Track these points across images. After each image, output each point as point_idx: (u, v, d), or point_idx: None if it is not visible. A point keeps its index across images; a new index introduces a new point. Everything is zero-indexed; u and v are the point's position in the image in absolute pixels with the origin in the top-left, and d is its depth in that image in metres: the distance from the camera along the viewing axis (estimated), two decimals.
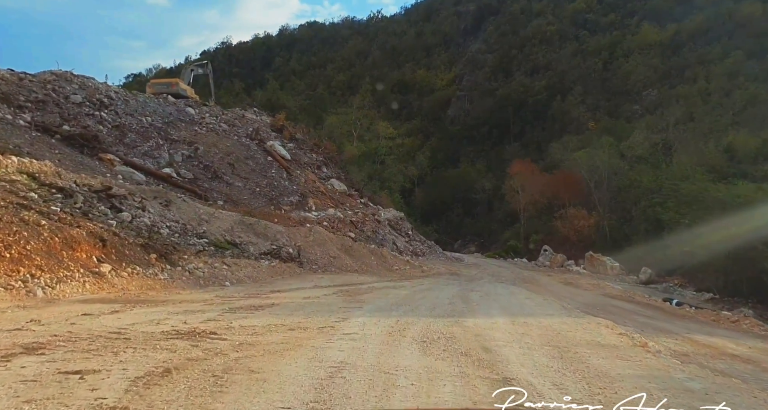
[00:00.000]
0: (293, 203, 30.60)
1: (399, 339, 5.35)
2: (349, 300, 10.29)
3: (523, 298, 12.22)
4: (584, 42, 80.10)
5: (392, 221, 32.72)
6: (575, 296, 16.11)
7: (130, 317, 6.47)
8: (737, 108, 49.10)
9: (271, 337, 5.26)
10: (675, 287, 27.59)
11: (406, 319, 7.11)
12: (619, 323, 8.49)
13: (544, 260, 39.05)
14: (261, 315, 7.33)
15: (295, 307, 8.43)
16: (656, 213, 34.84)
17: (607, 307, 12.65)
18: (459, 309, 9.05)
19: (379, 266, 23.48)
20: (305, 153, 36.21)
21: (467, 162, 71.91)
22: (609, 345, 5.61)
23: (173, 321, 6.12)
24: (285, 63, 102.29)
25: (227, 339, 4.97)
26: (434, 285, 17.58)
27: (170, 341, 4.76)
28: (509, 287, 19.16)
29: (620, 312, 11.28)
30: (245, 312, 7.52)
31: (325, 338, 5.34)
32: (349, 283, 17.71)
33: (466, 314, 8.23)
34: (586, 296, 16.93)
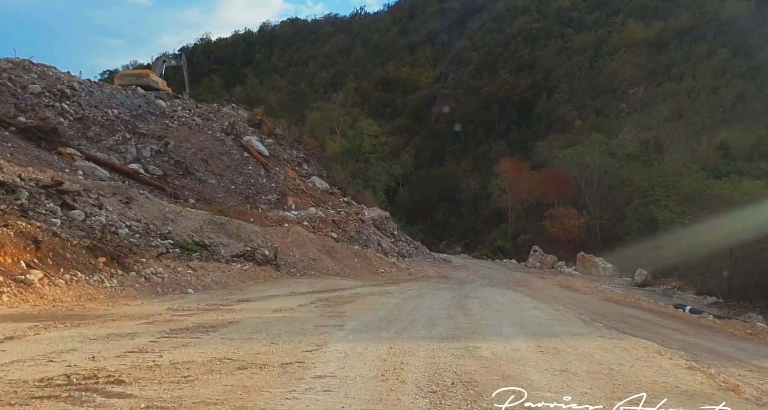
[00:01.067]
0: (271, 201, 28.75)
1: (396, 387, 3.65)
2: (329, 314, 8.54)
3: (530, 307, 10.58)
4: (569, 40, 79.28)
5: (377, 220, 31.02)
6: (580, 304, 14.55)
7: (22, 347, 4.67)
8: (726, 106, 48.26)
9: (206, 387, 3.52)
10: (673, 290, 26.26)
11: (401, 345, 5.39)
12: (656, 341, 6.88)
13: (534, 262, 37.65)
14: (209, 340, 5.55)
15: (258, 326, 6.65)
16: (650, 212, 33.61)
17: (624, 317, 11.09)
18: (462, 324, 7.36)
19: (363, 268, 21.76)
20: (285, 149, 34.34)
21: (452, 161, 70.55)
22: (689, 390, 3.98)
23: (77, 356, 4.34)
24: (265, 60, 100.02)
25: (132, 396, 3.22)
26: (425, 291, 15.90)
27: (36, 402, 3.02)
28: (506, 291, 17.56)
29: (643, 325, 9.76)
30: (190, 336, 5.73)
31: (286, 387, 3.61)
32: (330, 288, 15.94)
33: (474, 333, 6.54)
34: (591, 303, 15.39)
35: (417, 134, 76.72)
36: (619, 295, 20.07)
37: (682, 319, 12.47)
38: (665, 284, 27.95)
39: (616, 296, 19.60)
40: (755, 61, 59.11)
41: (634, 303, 16.68)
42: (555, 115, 68.36)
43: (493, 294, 15.62)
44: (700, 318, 13.27)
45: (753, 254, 20.21)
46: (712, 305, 21.63)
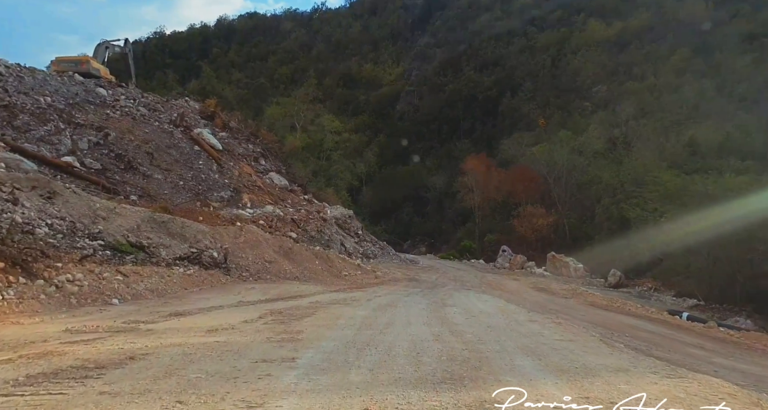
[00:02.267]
0: (224, 198, 26.39)
1: None
2: (279, 336, 6.54)
3: (524, 320, 8.82)
4: (532, 38, 78.97)
5: (340, 219, 29.00)
6: (569, 311, 12.95)
7: None
8: (689, 104, 48.17)
9: None
10: (650, 292, 25.15)
11: (382, 403, 3.44)
12: (712, 374, 5.19)
13: (503, 262, 36.28)
14: (76, 398, 3.48)
15: (172, 363, 4.61)
16: (621, 210, 32.70)
17: (633, 330, 9.52)
18: (457, 352, 5.48)
19: (325, 271, 19.73)
20: (240, 143, 31.94)
21: (417, 159, 68.93)
22: None
23: None
24: (223, 54, 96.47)
25: None
26: (395, 297, 14.01)
27: None
28: (483, 296, 15.85)
29: (663, 342, 8.20)
30: (48, 390, 3.66)
31: None
32: (286, 296, 13.89)
33: (479, 370, 4.68)
34: (580, 309, 13.83)
35: (381, 132, 74.91)
36: (601, 298, 18.66)
37: (692, 331, 10.97)
38: (640, 286, 26.88)
39: (598, 300, 18.16)
40: (714, 61, 59.67)
41: (624, 309, 15.24)
42: (519, 113, 67.72)
43: (472, 301, 13.86)
44: (707, 327, 11.84)
45: (738, 254, 19.08)
46: (694, 308, 20.46)
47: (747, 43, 60.14)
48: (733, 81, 53.55)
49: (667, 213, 23.99)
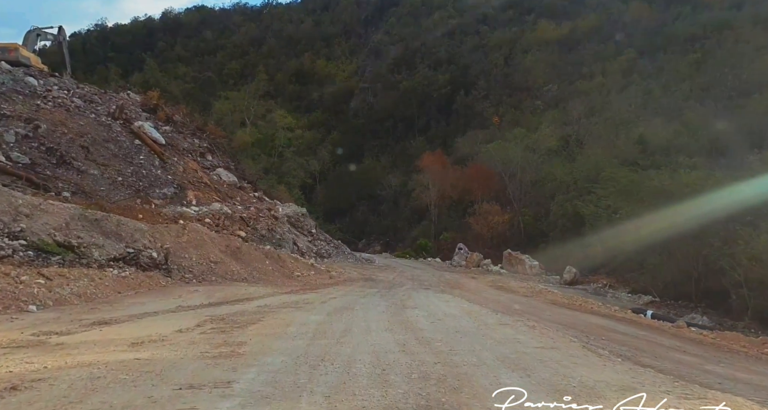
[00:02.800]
0: (168, 196, 24.80)
1: None
2: (217, 350, 5.51)
3: (494, 323, 8.06)
4: (485, 37, 79.32)
5: (292, 217, 27.82)
6: (535, 311, 12.37)
7: None
8: (637, 103, 49.14)
9: None
10: (605, 289, 25.09)
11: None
12: (706, 384, 4.51)
13: (459, 260, 35.85)
14: None
15: (72, 391, 3.60)
16: (575, 207, 32.78)
17: (608, 333, 8.93)
18: (429, 366, 4.63)
19: (276, 272, 18.60)
20: (185, 138, 30.25)
21: (371, 157, 68.14)
22: None
23: None
24: (169, 48, 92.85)
25: None
26: (352, 299, 13.08)
27: None
28: (445, 296, 15.12)
29: (647, 347, 7.58)
30: None
31: None
32: (232, 299, 12.75)
33: (460, 391, 3.85)
34: (545, 309, 13.29)
35: (334, 129, 73.64)
36: (561, 297, 18.26)
37: (664, 332, 10.49)
38: (595, 283, 26.84)
39: (559, 298, 17.74)
40: (659, 62, 61.31)
41: (587, 308, 14.81)
42: (473, 111, 67.78)
43: (434, 301, 13.08)
44: (677, 327, 11.40)
45: (692, 250, 19.04)
46: (649, 305, 20.40)
47: (689, 44, 62.00)
48: (677, 81, 54.95)
49: (622, 210, 23.91)
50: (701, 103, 46.42)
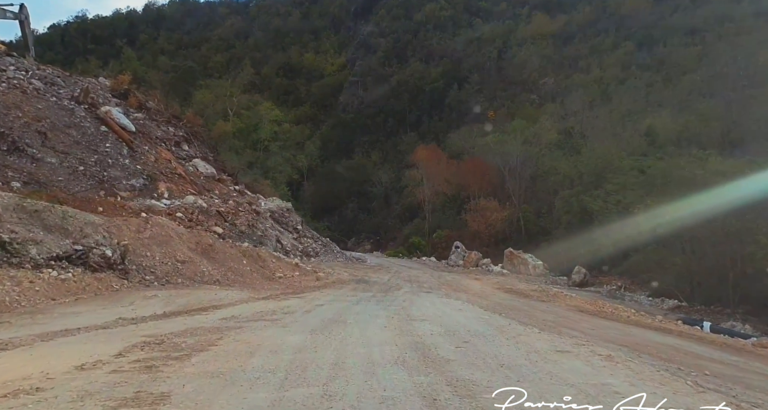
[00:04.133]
0: (136, 187, 22.20)
1: None
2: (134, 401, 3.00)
3: (546, 349, 5.72)
4: (478, 30, 77.21)
5: (276, 212, 25.31)
6: (568, 322, 10.03)
7: None
8: (640, 95, 47.13)
9: None
10: (621, 292, 22.82)
11: None
12: None
13: (456, 259, 33.50)
14: None
15: None
16: (581, 202, 30.56)
17: (689, 359, 6.60)
18: None
19: (255, 273, 16.11)
20: (159, 126, 27.61)
21: (362, 153, 65.65)
22: None
23: None
24: (151, 41, 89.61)
25: None
26: (342, 307, 10.64)
27: None
28: (451, 302, 12.74)
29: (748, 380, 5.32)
30: None
31: None
32: (195, 307, 10.28)
33: None
34: (579, 320, 10.96)
35: (323, 124, 71.06)
36: (582, 301, 15.96)
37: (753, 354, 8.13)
38: (608, 284, 24.57)
39: (581, 303, 15.45)
40: (659, 55, 59.61)
41: (624, 317, 12.52)
42: (467, 105, 65.58)
43: (442, 309, 10.70)
44: (760, 345, 9.06)
45: (730, 248, 16.78)
46: (675, 310, 18.17)
47: (689, 37, 60.40)
48: (678, 73, 53.22)
49: (640, 203, 21.66)
50: (704, 95, 44.63)
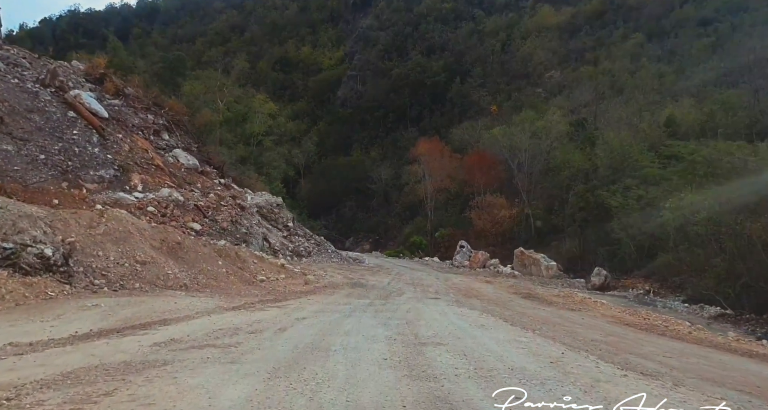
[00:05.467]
0: (105, 179, 19.80)
1: None
2: None
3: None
4: (481, 22, 74.81)
5: (264, 208, 22.86)
6: (632, 346, 7.65)
7: None
8: (647, 88, 44.63)
9: None
10: (650, 297, 20.34)
11: None
12: None
13: (461, 260, 31.06)
14: None
15: None
16: (597, 198, 28.12)
17: None
18: None
19: (233, 275, 13.64)
20: (137, 113, 25.15)
21: (360, 149, 63.20)
22: None
23: None
24: (145, 35, 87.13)
25: None
26: (330, 321, 8.19)
27: None
28: (466, 312, 10.28)
29: None
30: None
31: None
32: (140, 321, 7.83)
33: None
34: (635, 340, 8.56)
35: (320, 119, 68.58)
36: (619, 311, 13.52)
37: None
38: (633, 288, 22.07)
39: (618, 313, 13.01)
40: (670, 46, 57.35)
41: (685, 334, 10.05)
42: (469, 100, 63.16)
43: (463, 325, 8.26)
44: None
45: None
46: (719, 319, 15.70)
47: (701, 28, 58.16)
48: (691, 65, 50.94)
49: (673, 196, 19.21)
50: (721, 85, 42.34)
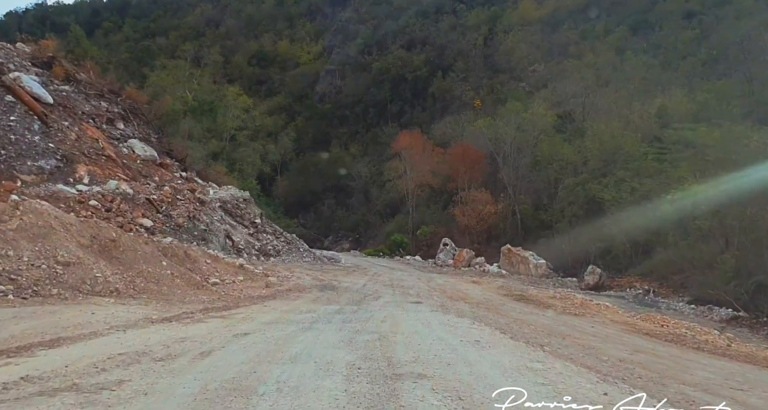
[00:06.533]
0: (45, 170, 17.63)
1: None
2: None
3: None
4: (462, 16, 73.27)
5: (229, 203, 20.75)
6: (670, 369, 5.77)
7: None
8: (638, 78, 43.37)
9: None
10: (651, 297, 18.68)
11: None
12: None
13: (445, 258, 29.25)
14: None
15: None
16: (588, 191, 26.54)
17: None
18: None
19: (179, 278, 11.56)
20: (89, 100, 22.88)
21: (339, 145, 61.18)
22: None
23: None
24: (116, 29, 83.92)
25: None
26: (276, 341, 6.25)
27: None
28: (454, 321, 8.37)
29: None
30: None
31: None
32: (13, 345, 5.76)
33: None
34: (668, 358, 6.68)
35: (298, 115, 66.38)
36: (630, 317, 11.76)
37: None
38: (631, 287, 20.41)
39: (628, 318, 11.25)
40: (655, 39, 56.39)
41: (719, 346, 8.28)
42: (451, 95, 61.61)
43: (452, 342, 6.38)
44: None
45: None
46: (732, 323, 14.05)
47: (686, 20, 57.36)
48: (677, 57, 49.97)
49: (673, 188, 17.60)
50: (707, 77, 41.32)
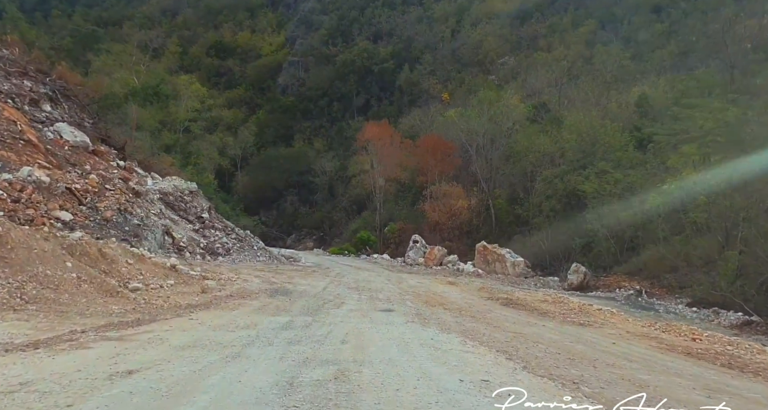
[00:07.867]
0: None
1: None
2: None
3: None
4: (429, 8, 71.50)
5: (171, 195, 18.16)
6: None
7: None
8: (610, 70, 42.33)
9: None
10: (644, 298, 16.93)
11: None
12: None
13: (416, 256, 27.16)
14: None
15: None
16: (566, 184, 24.86)
17: None
18: None
19: (87, 282, 9.05)
20: (9, 78, 19.90)
21: (303, 140, 58.54)
22: None
23: None
24: (65, 18, 79.05)
25: None
26: (178, 382, 3.96)
27: None
28: (440, 339, 6.28)
29: None
30: None
31: None
32: None
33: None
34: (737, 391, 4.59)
35: (259, 108, 63.44)
36: (638, 323, 9.76)
37: None
38: (621, 287, 18.63)
39: (631, 325, 9.32)
40: (624, 32, 55.82)
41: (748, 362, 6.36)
42: (419, 88, 59.80)
43: (456, 391, 4.24)
44: None
45: None
46: (745, 330, 12.34)
47: (654, 14, 57.10)
48: (646, 51, 49.42)
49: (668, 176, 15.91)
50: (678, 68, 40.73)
